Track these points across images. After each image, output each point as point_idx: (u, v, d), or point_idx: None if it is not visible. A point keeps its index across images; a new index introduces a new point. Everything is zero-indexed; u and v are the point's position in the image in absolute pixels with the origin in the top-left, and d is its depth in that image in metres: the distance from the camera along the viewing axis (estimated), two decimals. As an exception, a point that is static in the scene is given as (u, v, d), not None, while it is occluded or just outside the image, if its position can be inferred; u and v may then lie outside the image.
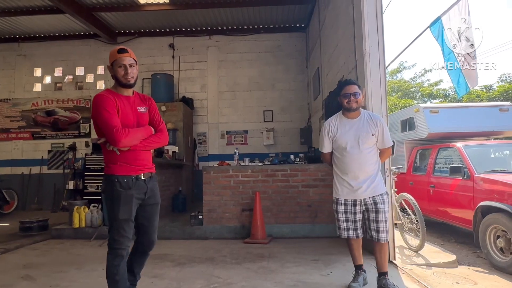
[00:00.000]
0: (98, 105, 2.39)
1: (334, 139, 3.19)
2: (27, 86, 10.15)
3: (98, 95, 2.46)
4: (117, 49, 2.50)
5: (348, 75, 5.27)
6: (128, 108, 2.49)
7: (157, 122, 2.62)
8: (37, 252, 4.77)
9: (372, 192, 3.04)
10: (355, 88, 3.08)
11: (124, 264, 2.49)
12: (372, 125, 3.08)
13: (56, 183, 9.45)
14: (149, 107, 2.62)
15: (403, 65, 28.50)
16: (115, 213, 2.42)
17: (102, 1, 8.21)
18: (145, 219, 2.61)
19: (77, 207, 5.75)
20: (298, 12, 8.97)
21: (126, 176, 2.44)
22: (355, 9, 4.76)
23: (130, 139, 2.38)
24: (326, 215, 5.42)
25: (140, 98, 2.63)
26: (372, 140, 3.06)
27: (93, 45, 10.06)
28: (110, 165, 2.47)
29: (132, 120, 2.48)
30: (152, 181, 2.61)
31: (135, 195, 2.46)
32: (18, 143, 9.96)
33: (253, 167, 5.69)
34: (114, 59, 2.46)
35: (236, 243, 5.03)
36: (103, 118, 2.35)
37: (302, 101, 9.76)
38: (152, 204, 2.62)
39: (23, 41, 10.16)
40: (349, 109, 3.12)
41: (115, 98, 2.44)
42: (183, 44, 9.94)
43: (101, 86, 10.07)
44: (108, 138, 2.38)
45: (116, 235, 2.44)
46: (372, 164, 3.07)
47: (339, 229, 3.22)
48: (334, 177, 3.28)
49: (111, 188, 2.43)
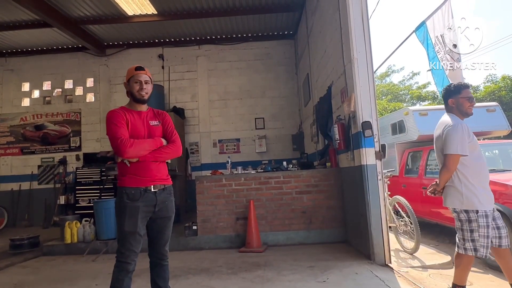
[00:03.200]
0: (107, 120, 2.48)
1: (471, 143, 2.85)
2: (15, 101, 10.03)
3: (109, 111, 2.56)
4: (135, 66, 2.62)
5: (337, 81, 5.32)
6: (140, 122, 2.55)
7: (170, 134, 2.65)
8: (28, 270, 4.66)
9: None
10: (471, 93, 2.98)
11: (129, 280, 2.46)
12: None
13: (47, 198, 9.29)
14: (162, 120, 2.68)
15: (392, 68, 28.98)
16: (122, 225, 2.43)
17: (89, 14, 8.19)
18: (155, 232, 2.59)
19: (69, 222, 5.65)
20: (286, 19, 9.06)
21: (134, 188, 2.45)
22: (341, 15, 4.82)
23: (135, 149, 2.40)
24: (321, 221, 5.42)
25: (154, 113, 2.71)
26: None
27: (82, 58, 10.01)
28: (121, 177, 2.51)
29: (143, 133, 2.53)
30: (165, 193, 2.56)
31: (141, 208, 2.44)
32: (6, 159, 9.79)
33: (246, 175, 5.67)
34: (131, 75, 2.58)
35: (232, 253, 4.99)
36: (110, 130, 2.43)
37: (293, 108, 9.80)
38: (163, 218, 2.58)
39: (10, 55, 10.06)
40: (468, 114, 2.95)
41: (125, 112, 2.54)
42: (173, 55, 9.94)
43: (91, 99, 10.00)
44: (114, 149, 2.43)
45: (122, 248, 2.43)
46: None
47: (479, 247, 2.72)
48: (465, 187, 2.82)
49: (119, 200, 2.47)
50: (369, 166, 4.22)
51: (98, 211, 5.64)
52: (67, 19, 8.14)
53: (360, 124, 4.24)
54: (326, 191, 5.48)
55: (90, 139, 9.81)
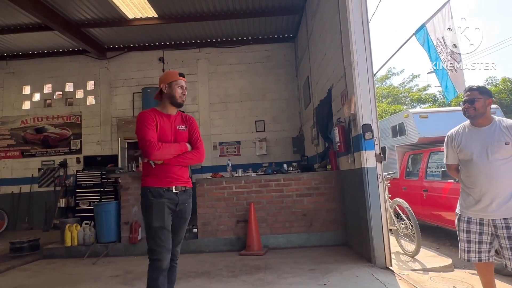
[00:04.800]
0: (138, 121, 2.56)
1: (458, 149, 2.84)
2: (16, 104, 10.04)
3: (141, 112, 2.64)
4: (177, 72, 2.70)
5: (337, 84, 5.33)
6: (168, 125, 2.62)
7: (195, 140, 2.71)
8: (28, 273, 4.66)
9: (506, 214, 2.56)
10: (474, 94, 2.77)
11: (164, 279, 2.47)
12: (506, 132, 2.65)
13: (47, 201, 9.28)
14: (189, 126, 2.74)
15: (392, 71, 28.99)
16: (149, 222, 2.48)
17: (90, 17, 8.22)
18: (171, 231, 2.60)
19: (69, 225, 5.65)
20: (286, 22, 9.08)
21: (157, 188, 2.52)
22: (341, 18, 4.84)
23: (162, 152, 2.47)
24: (321, 224, 5.42)
25: (182, 117, 2.77)
26: (506, 150, 2.62)
27: (83, 61, 10.04)
28: (144, 178, 2.59)
29: (170, 137, 2.60)
30: (185, 195, 2.63)
31: (167, 204, 2.51)
32: (7, 161, 9.80)
33: (247, 177, 5.67)
34: (174, 79, 2.66)
35: (232, 256, 4.98)
36: (140, 132, 2.50)
37: (293, 110, 9.81)
38: (181, 218, 2.64)
39: (11, 58, 10.09)
40: (467, 117, 2.84)
41: (155, 115, 2.60)
42: (173, 57, 9.97)
43: (91, 101, 10.01)
44: (142, 150, 2.49)
45: (153, 245, 2.46)
46: (508, 179, 2.60)
47: (460, 250, 2.81)
48: (460, 191, 2.89)
49: (145, 198, 2.53)
50: (370, 168, 4.21)
51: (98, 214, 5.63)
52: (68, 22, 8.17)
53: (361, 127, 4.25)
54: (326, 193, 5.48)
55: (90, 142, 9.81)
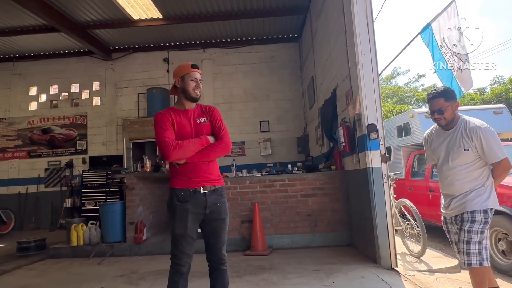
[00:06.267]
0: (154, 123, 2.44)
1: (431, 151, 2.84)
2: (22, 105, 10.15)
3: (156, 113, 2.48)
4: (190, 64, 2.52)
5: (342, 84, 5.31)
6: (186, 121, 2.46)
7: (218, 130, 2.51)
8: (34, 273, 4.69)
9: (462, 209, 2.57)
10: (439, 104, 2.63)
11: (184, 282, 2.42)
12: (466, 138, 2.56)
13: (54, 201, 9.37)
14: (210, 116, 2.54)
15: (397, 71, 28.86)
16: (172, 227, 2.40)
17: (96, 19, 8.28)
18: (210, 235, 2.50)
19: (75, 225, 5.68)
20: (291, 22, 9.08)
21: (184, 190, 2.39)
22: (346, 18, 4.82)
23: (180, 151, 2.32)
24: (326, 224, 5.40)
25: (202, 109, 2.57)
26: (467, 156, 2.55)
27: (88, 62, 10.12)
28: (171, 179, 2.47)
29: (190, 132, 2.44)
30: (216, 194, 2.45)
31: (191, 209, 2.37)
32: (14, 162, 9.90)
33: (251, 178, 5.67)
34: (187, 72, 2.48)
35: (237, 256, 4.98)
36: (156, 133, 2.38)
37: (298, 110, 9.80)
38: (216, 220, 2.47)
39: (18, 60, 10.19)
40: (439, 126, 2.75)
41: (171, 113, 2.46)
42: (178, 58, 10.00)
43: (97, 102, 10.08)
44: (160, 152, 2.39)
45: (174, 250, 2.41)
46: (470, 181, 2.58)
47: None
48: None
49: (170, 201, 2.42)
50: (375, 169, 4.19)
51: (104, 214, 5.67)
52: (74, 24, 8.24)
53: (365, 127, 4.23)
54: (331, 194, 5.46)
55: (96, 142, 9.88)
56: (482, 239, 2.53)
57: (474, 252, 2.49)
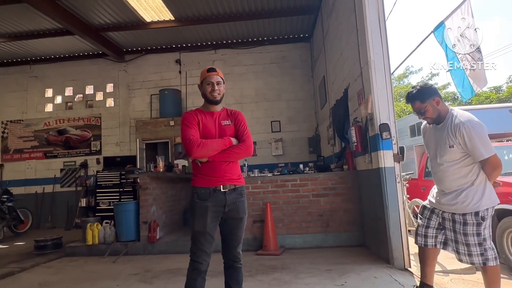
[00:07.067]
0: (181, 121, 2.55)
1: (425, 145, 2.90)
2: (39, 107, 10.39)
3: (183, 113, 2.63)
4: (207, 68, 2.60)
5: (353, 83, 5.29)
6: (211, 122, 2.55)
7: (241, 133, 2.58)
8: (52, 270, 4.81)
9: (453, 209, 2.60)
10: (416, 107, 2.71)
11: (202, 280, 2.47)
12: (451, 135, 2.54)
13: (69, 201, 9.56)
14: (235, 120, 2.63)
15: (410, 69, 28.44)
16: (192, 225, 2.47)
17: (109, 22, 8.43)
18: (226, 233, 2.56)
19: (90, 224, 5.79)
20: (302, 22, 9.07)
21: (204, 188, 2.46)
22: (357, 17, 4.80)
23: (203, 149, 2.40)
24: (338, 224, 5.38)
25: (227, 113, 2.66)
26: (453, 153, 2.55)
27: (102, 64, 10.30)
28: (193, 177, 2.55)
29: (214, 133, 2.53)
30: (235, 194, 2.52)
31: (210, 208, 2.43)
32: (31, 162, 10.14)
33: (263, 178, 5.69)
34: (204, 77, 2.57)
35: (248, 255, 4.99)
36: (182, 131, 2.49)
37: (309, 110, 9.78)
38: (234, 219, 2.53)
39: (35, 63, 10.44)
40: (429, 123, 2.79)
41: (198, 113, 2.56)
42: (189, 59, 10.09)
43: (111, 103, 10.25)
44: (184, 149, 2.47)
45: (193, 247, 2.47)
46: (459, 179, 2.57)
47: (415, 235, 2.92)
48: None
49: (191, 199, 2.50)
50: (387, 168, 4.16)
51: (118, 213, 5.76)
52: (88, 27, 8.40)
53: (378, 127, 4.20)
54: (343, 194, 5.44)
55: (110, 143, 10.05)
56: (482, 240, 2.52)
57: (476, 253, 2.52)
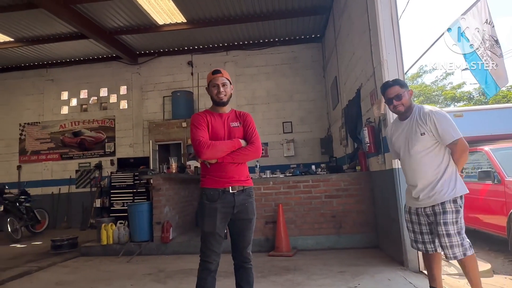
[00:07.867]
0: (191, 123, 2.58)
1: (392, 145, 2.98)
2: (55, 109, 10.62)
3: (193, 114, 2.67)
4: (212, 70, 2.62)
5: (366, 83, 5.24)
6: (220, 123, 2.57)
7: (250, 135, 2.61)
8: (68, 270, 4.90)
9: (432, 201, 2.66)
10: (395, 90, 2.78)
11: (212, 280, 2.49)
12: (421, 123, 2.68)
13: (84, 202, 9.73)
14: (243, 121, 2.66)
15: (423, 69, 27.97)
16: (201, 225, 2.51)
17: (123, 25, 8.56)
18: (235, 234, 2.59)
19: (105, 224, 5.88)
20: (313, 23, 9.03)
21: (213, 189, 2.48)
22: (370, 17, 4.76)
23: (212, 150, 2.42)
24: (351, 226, 5.33)
25: (236, 114, 2.69)
26: (425, 140, 2.66)
27: (115, 67, 10.46)
28: (202, 178, 2.58)
29: (223, 135, 2.55)
30: (244, 195, 2.53)
31: (219, 209, 2.45)
32: (48, 164, 10.37)
33: (275, 179, 5.69)
34: (210, 80, 2.60)
35: (261, 256, 5.00)
36: (191, 133, 2.53)
37: (321, 111, 9.73)
38: (243, 220, 2.55)
39: (51, 66, 10.68)
40: (398, 114, 2.87)
41: (206, 115, 2.59)
42: (201, 61, 10.16)
43: (124, 106, 10.40)
44: (194, 150, 2.51)
45: (203, 247, 2.51)
46: (432, 168, 2.66)
47: (411, 240, 2.95)
48: None
49: (200, 200, 2.53)
50: (401, 169, 4.10)
51: (132, 214, 5.84)
52: (102, 31, 8.56)
53: (391, 127, 4.15)
54: (356, 195, 5.39)
55: (123, 144, 10.20)
56: (460, 229, 2.62)
57: (457, 244, 2.59)
